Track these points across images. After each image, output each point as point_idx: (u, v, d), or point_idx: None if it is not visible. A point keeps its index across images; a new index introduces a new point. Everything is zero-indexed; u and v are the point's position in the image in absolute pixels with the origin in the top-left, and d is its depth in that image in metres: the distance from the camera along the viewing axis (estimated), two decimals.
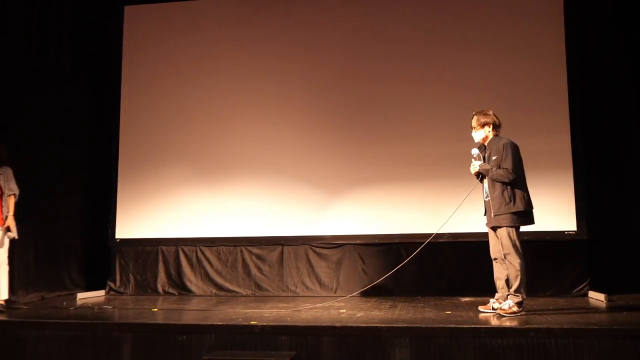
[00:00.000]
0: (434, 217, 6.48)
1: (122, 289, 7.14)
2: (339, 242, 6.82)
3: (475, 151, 5.06)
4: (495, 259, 4.99)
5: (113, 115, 7.45)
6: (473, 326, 4.21)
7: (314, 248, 6.88)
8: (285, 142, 7.05)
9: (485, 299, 5.22)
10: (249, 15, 7.33)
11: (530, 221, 4.89)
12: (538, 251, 6.32)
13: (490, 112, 5.04)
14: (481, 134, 5.03)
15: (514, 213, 4.77)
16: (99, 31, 7.60)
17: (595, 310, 5.18)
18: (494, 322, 4.46)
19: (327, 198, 6.89)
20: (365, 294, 6.47)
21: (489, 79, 6.69)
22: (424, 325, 4.26)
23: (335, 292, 6.66)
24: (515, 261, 4.73)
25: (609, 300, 5.61)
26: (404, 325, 4.24)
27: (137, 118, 7.42)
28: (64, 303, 6.05)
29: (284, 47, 7.20)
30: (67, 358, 4.49)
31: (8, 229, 5.45)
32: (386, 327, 4.21)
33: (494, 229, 4.94)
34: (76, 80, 7.24)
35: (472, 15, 6.83)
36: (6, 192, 5.49)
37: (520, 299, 4.73)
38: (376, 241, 6.72)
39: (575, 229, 6.31)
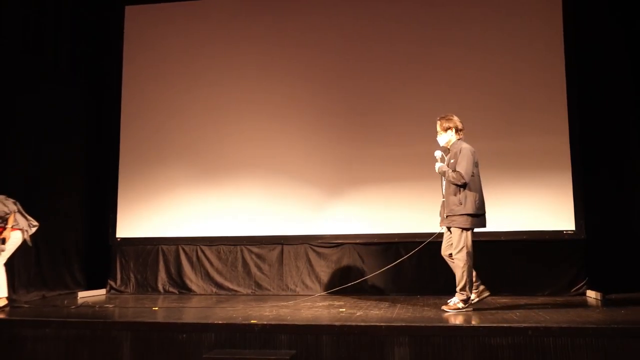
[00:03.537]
0: (432, 217, 6.45)
1: (122, 288, 7.14)
2: (339, 241, 6.82)
3: (438, 153, 5.21)
4: (446, 256, 5.12)
5: (113, 114, 7.44)
6: (472, 325, 4.21)
7: (313, 247, 6.88)
8: (285, 143, 7.05)
9: (481, 297, 5.21)
10: (248, 15, 7.32)
11: (482, 224, 4.98)
12: (537, 250, 6.34)
13: (453, 117, 5.18)
14: (445, 138, 5.18)
15: (464, 215, 4.88)
16: (99, 31, 7.58)
17: (593, 309, 5.18)
18: (493, 321, 4.45)
19: (326, 198, 6.88)
20: (364, 292, 6.48)
21: (487, 80, 6.68)
22: (422, 324, 4.26)
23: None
24: (462, 261, 4.87)
25: (606, 299, 5.60)
26: (403, 325, 4.24)
27: (137, 118, 7.42)
28: (65, 302, 6.05)
29: (284, 48, 7.19)
30: (67, 357, 4.48)
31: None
32: (385, 326, 4.20)
33: (448, 229, 5.06)
34: (75, 80, 7.21)
35: (470, 16, 6.80)
36: None
37: (466, 297, 4.88)
38: (375, 240, 6.71)
39: (573, 228, 6.30)
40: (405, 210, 6.63)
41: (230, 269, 7.01)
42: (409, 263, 6.52)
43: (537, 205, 6.35)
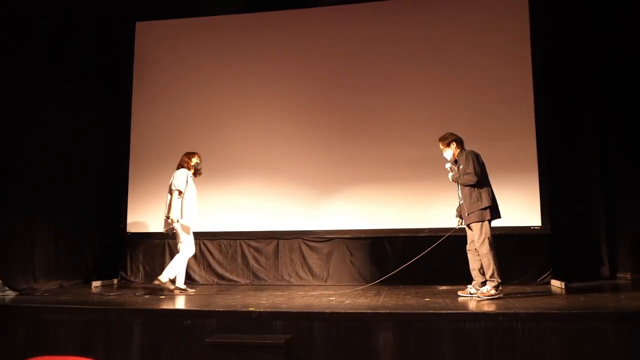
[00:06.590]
0: (415, 214, 6.57)
1: (132, 278, 7.13)
2: (330, 236, 6.85)
3: (447, 165, 5.36)
4: (469, 251, 5.17)
5: (125, 121, 7.42)
6: (449, 311, 4.25)
7: (306, 242, 6.90)
8: (281, 145, 7.06)
9: (459, 287, 5.33)
10: (248, 29, 7.33)
11: (497, 215, 5.11)
12: (507, 244, 6.33)
13: (451, 133, 5.33)
14: (450, 152, 5.33)
15: (482, 209, 5.00)
16: (114, 44, 7.56)
17: (557, 296, 5.23)
18: (469, 307, 4.51)
19: (319, 196, 6.90)
20: (352, 282, 6.52)
21: (465, 94, 6.73)
22: (405, 311, 4.31)
23: (325, 282, 6.70)
24: (487, 251, 4.95)
25: (568, 287, 5.68)
26: (387, 311, 4.27)
27: (146, 124, 7.40)
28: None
29: (282, 59, 7.20)
30: (83, 339, 4.48)
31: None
32: (371, 313, 4.24)
33: (469, 226, 5.13)
34: (92, 86, 7.15)
35: (453, 40, 6.84)
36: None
37: (496, 283, 4.94)
38: (363, 235, 6.74)
39: (539, 224, 6.39)
40: (389, 208, 6.68)
41: (230, 261, 7.02)
42: (393, 256, 6.57)
43: (507, 204, 6.34)
